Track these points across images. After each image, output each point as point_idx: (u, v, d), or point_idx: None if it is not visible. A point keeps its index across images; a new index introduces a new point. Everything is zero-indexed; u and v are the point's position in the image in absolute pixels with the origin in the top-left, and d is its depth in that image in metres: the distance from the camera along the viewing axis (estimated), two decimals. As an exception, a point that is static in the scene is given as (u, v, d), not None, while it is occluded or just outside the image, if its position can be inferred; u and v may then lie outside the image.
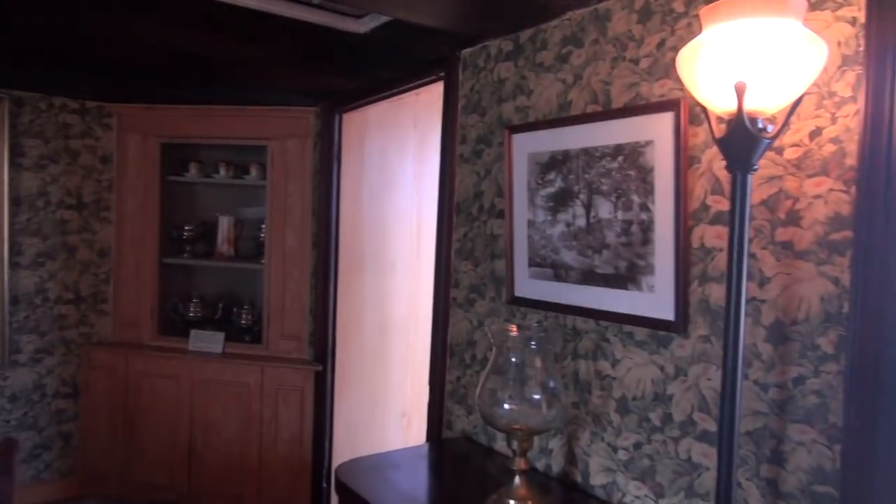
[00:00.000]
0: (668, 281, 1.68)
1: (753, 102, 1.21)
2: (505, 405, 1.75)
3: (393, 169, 3.64)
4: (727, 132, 1.25)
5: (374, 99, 3.24)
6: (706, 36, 1.26)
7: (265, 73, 3.12)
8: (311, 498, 3.62)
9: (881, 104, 1.26)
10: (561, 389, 1.77)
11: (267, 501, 3.62)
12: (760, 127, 1.23)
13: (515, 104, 2.24)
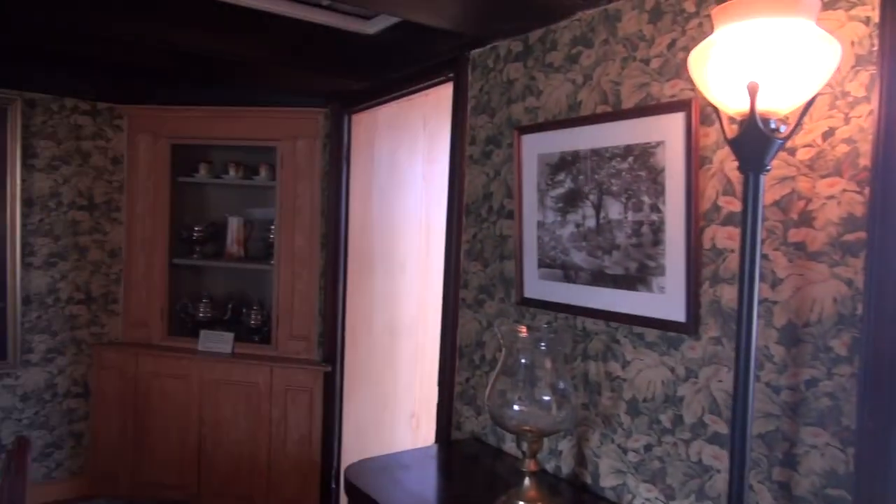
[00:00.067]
0: (678, 282, 1.67)
1: (766, 103, 1.20)
2: (515, 406, 1.75)
3: (402, 170, 3.64)
4: (739, 133, 1.24)
5: (383, 100, 3.25)
6: (718, 36, 1.26)
7: (275, 74, 3.13)
8: (319, 498, 3.62)
9: (895, 104, 1.25)
10: (571, 391, 1.77)
11: (276, 501, 3.63)
12: (773, 127, 1.22)
13: (525, 105, 2.23)
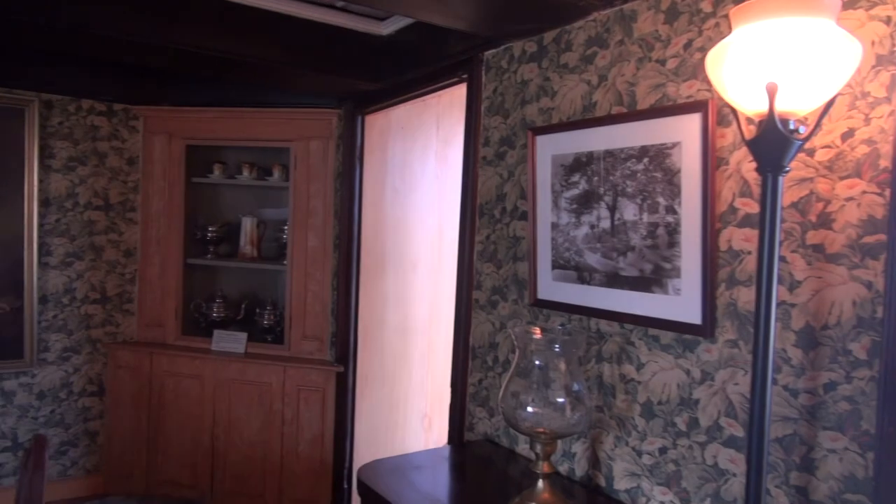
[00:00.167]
0: (694, 284, 1.66)
1: (785, 103, 1.19)
2: (528, 408, 1.74)
3: (415, 170, 3.64)
4: (758, 134, 1.23)
5: (396, 101, 3.25)
6: (736, 36, 1.25)
7: (289, 75, 3.15)
8: (332, 498, 3.63)
9: (917, 105, 1.23)
10: (585, 393, 1.76)
11: (288, 501, 3.65)
12: (792, 128, 1.21)
13: (539, 105, 2.23)
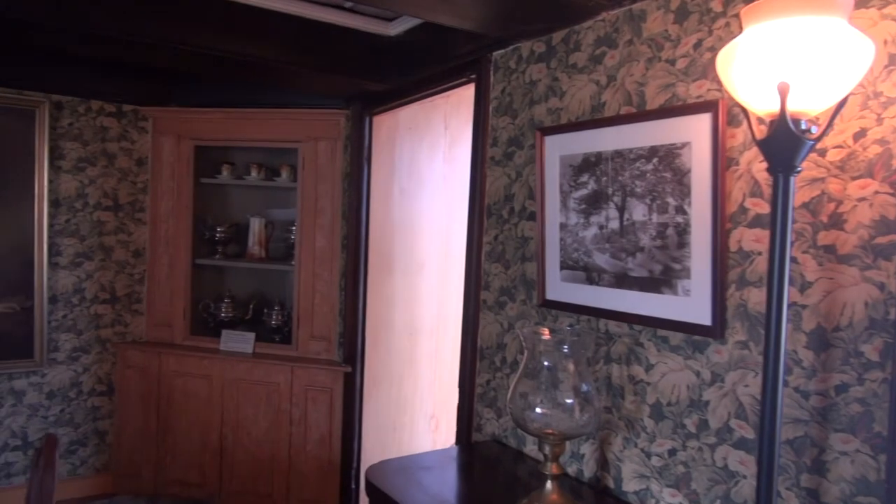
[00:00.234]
0: (704, 285, 1.65)
1: (797, 103, 1.18)
2: (537, 409, 1.74)
3: (423, 171, 3.64)
4: (769, 134, 1.22)
5: (404, 101, 3.25)
6: (747, 35, 1.24)
7: (297, 76, 3.15)
8: (339, 498, 3.63)
9: (930, 104, 1.22)
10: (594, 394, 1.75)
11: (296, 501, 3.65)
12: (804, 128, 1.20)
13: (547, 106, 2.22)
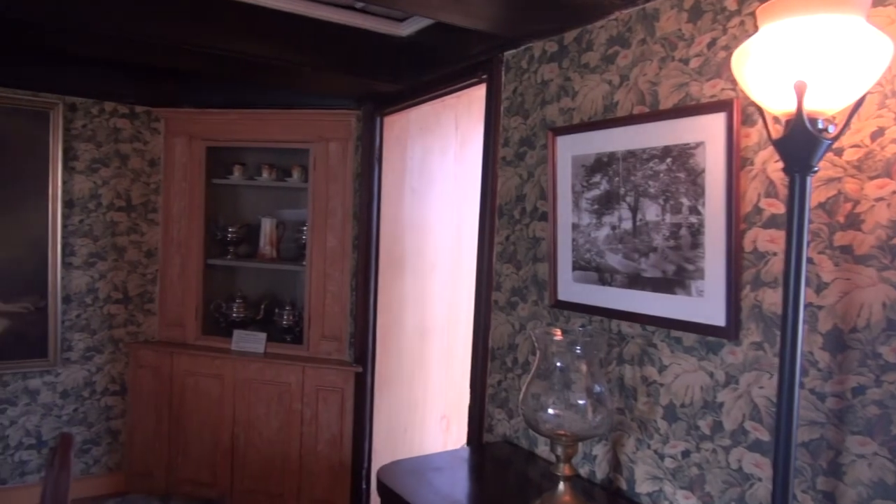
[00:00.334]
0: (718, 285, 1.64)
1: (813, 102, 1.17)
2: (549, 410, 1.73)
3: (434, 171, 3.64)
4: (786, 133, 1.21)
5: (415, 101, 3.24)
6: (762, 34, 1.23)
7: (308, 76, 3.16)
8: (350, 498, 3.64)
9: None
10: (606, 395, 1.74)
11: (307, 500, 3.66)
12: (821, 128, 1.19)
13: (559, 106, 2.21)
